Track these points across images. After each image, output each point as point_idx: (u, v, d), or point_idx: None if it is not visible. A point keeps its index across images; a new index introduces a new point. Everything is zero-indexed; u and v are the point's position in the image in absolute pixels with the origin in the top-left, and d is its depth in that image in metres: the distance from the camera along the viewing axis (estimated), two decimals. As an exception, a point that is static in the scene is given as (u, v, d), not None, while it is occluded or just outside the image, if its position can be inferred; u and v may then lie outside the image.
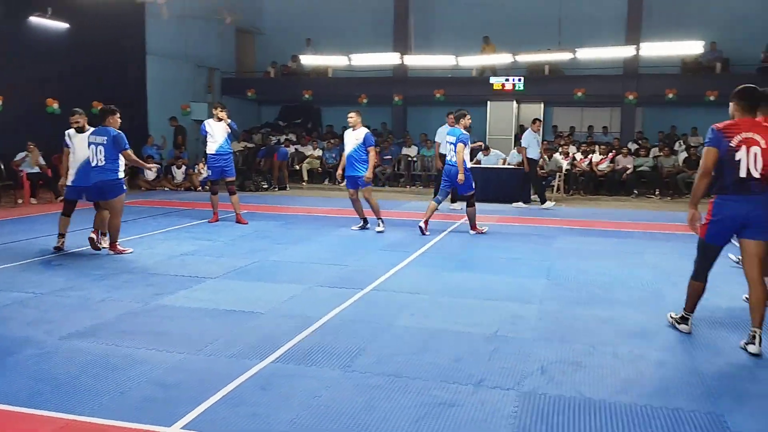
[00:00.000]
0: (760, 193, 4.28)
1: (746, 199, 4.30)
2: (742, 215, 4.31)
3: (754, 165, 4.25)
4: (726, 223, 4.39)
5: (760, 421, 3.34)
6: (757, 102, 4.43)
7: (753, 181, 4.27)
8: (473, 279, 6.43)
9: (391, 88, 20.96)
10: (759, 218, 4.29)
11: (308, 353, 4.26)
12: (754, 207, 4.29)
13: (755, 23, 18.65)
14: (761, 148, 4.24)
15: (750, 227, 4.32)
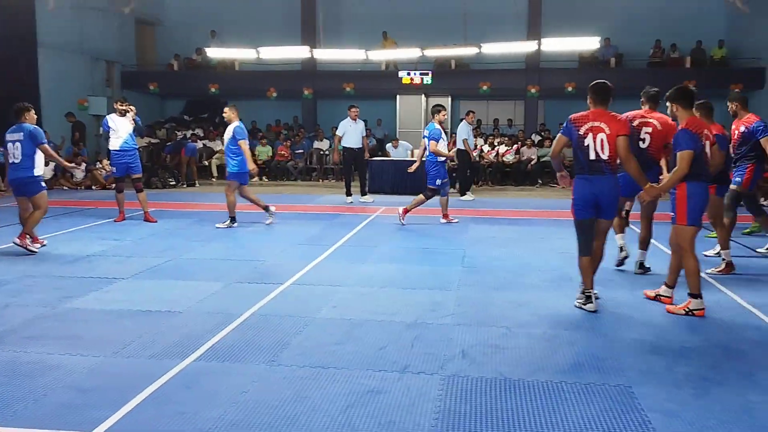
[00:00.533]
0: (609, 174, 4.94)
1: (598, 179, 4.96)
2: (596, 192, 4.96)
3: (602, 149, 4.88)
4: (586, 198, 5.02)
5: (662, 390, 3.60)
6: (607, 97, 5.08)
7: (602, 162, 4.92)
8: (392, 269, 6.54)
9: (300, 81, 20.82)
10: (609, 200, 5.00)
11: (232, 350, 4.21)
12: (604, 185, 4.96)
13: (646, 21, 19.83)
14: (606, 134, 4.87)
15: (601, 206, 5.01)
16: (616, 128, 4.90)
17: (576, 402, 3.45)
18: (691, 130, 4.90)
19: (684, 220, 4.94)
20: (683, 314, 4.92)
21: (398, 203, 11.88)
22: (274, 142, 18.54)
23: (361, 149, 12.09)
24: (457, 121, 21.29)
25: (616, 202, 5.17)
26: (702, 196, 4.97)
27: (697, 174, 4.90)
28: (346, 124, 11.93)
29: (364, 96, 20.68)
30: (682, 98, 5.05)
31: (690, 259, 4.96)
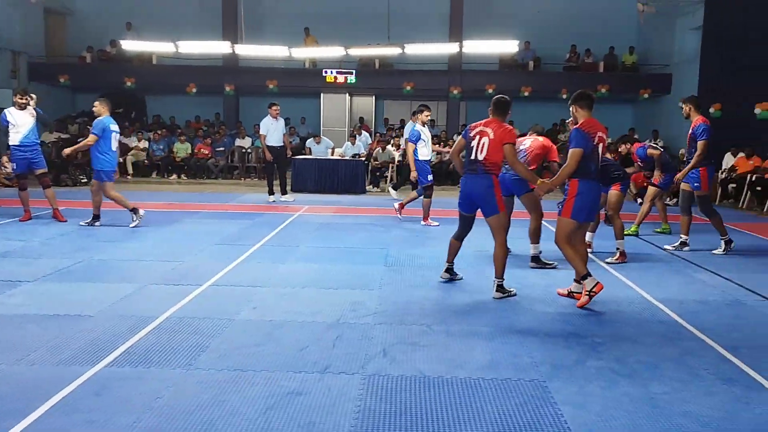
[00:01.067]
0: (483, 174, 5.41)
1: (472, 178, 5.51)
2: (468, 190, 5.54)
3: (480, 151, 5.41)
4: (464, 195, 5.60)
5: (574, 384, 3.74)
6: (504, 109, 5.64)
7: (478, 163, 5.42)
8: (313, 269, 6.49)
9: (222, 77, 20.38)
10: (480, 196, 5.48)
11: (146, 354, 4.07)
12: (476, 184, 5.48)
13: (563, 26, 20.55)
14: (489, 138, 5.38)
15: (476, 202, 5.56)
16: (501, 136, 5.38)
17: (493, 397, 3.53)
18: (583, 130, 5.20)
19: (568, 214, 5.25)
20: (588, 299, 5.20)
21: (321, 202, 11.89)
22: (193, 139, 18.06)
23: (283, 147, 11.95)
24: (380, 121, 21.50)
25: (491, 200, 5.45)
26: (590, 195, 5.27)
27: (588, 173, 5.20)
28: (268, 122, 11.75)
29: (287, 93, 20.48)
30: (581, 100, 5.39)
31: (566, 248, 5.27)
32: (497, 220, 5.50)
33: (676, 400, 3.53)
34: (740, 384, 3.76)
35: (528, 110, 18.70)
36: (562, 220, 5.33)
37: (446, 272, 6.09)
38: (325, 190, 13.66)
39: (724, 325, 4.89)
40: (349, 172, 13.88)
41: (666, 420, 3.30)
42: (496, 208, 5.46)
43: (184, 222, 9.30)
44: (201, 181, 16.14)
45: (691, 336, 4.63)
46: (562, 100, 19.44)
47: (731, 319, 5.04)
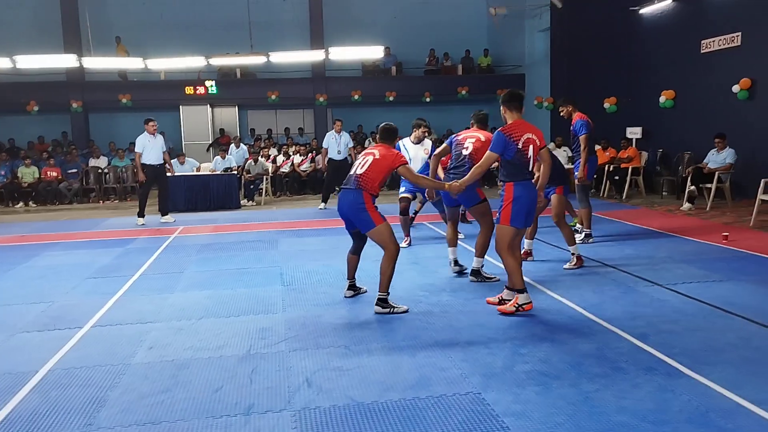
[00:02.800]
0: (353, 189, 5.28)
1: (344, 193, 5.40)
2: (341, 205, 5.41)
3: (361, 166, 5.33)
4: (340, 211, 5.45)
5: (509, 393, 3.68)
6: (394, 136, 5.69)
7: (354, 177, 5.33)
8: (206, 297, 6.02)
9: (67, 93, 18.87)
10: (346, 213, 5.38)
11: (33, 419, 3.49)
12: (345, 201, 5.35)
13: (420, 31, 21.09)
14: (374, 157, 5.34)
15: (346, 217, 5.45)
16: (383, 155, 5.36)
17: (434, 417, 3.38)
18: (504, 134, 5.11)
19: (507, 221, 5.11)
20: (514, 311, 5.12)
21: (196, 221, 11.24)
22: (39, 162, 16.45)
23: (162, 165, 11.12)
24: (245, 132, 20.83)
25: (355, 215, 5.28)
26: (527, 198, 5.13)
27: (519, 175, 5.12)
28: (144, 139, 10.87)
29: (143, 108, 19.32)
30: (510, 101, 5.27)
31: (509, 257, 5.14)
32: (377, 233, 5.26)
33: (609, 397, 3.57)
34: (660, 372, 3.88)
35: (393, 115, 18.90)
36: (501, 228, 5.17)
37: (349, 289, 5.89)
38: (197, 208, 12.93)
39: (626, 313, 5.08)
40: (221, 188, 13.23)
41: (606, 418, 3.32)
42: (371, 223, 5.24)
43: (44, 256, 8.35)
44: (53, 208, 14.71)
45: (602, 329, 4.76)
46: (425, 103, 20.03)
47: (631, 307, 5.26)
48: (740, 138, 10.96)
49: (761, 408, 3.35)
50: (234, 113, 21.16)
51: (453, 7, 21.32)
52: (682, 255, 7.23)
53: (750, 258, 7.00)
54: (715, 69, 11.94)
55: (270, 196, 14.87)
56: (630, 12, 14.19)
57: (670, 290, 5.74)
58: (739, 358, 4.09)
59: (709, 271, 6.39)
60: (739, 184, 11.11)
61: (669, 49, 13.24)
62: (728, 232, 8.14)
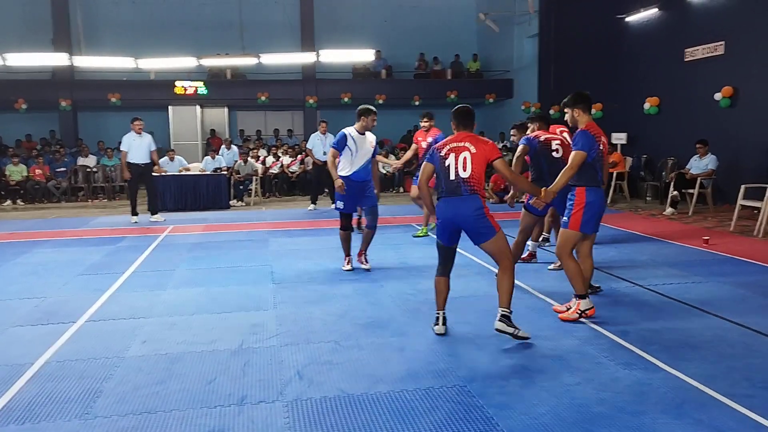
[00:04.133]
0: (468, 195, 4.51)
1: (453, 201, 4.56)
2: (451, 216, 4.56)
3: (462, 167, 4.53)
4: (446, 224, 4.61)
5: (493, 385, 3.81)
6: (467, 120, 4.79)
7: (459, 182, 4.52)
8: (198, 294, 6.11)
9: (55, 91, 18.83)
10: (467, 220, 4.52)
11: (30, 408, 3.58)
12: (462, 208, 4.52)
13: (410, 35, 21.30)
14: (470, 152, 4.54)
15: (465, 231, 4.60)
16: (480, 147, 4.58)
17: (423, 409, 3.50)
18: (590, 132, 4.93)
19: (576, 226, 4.99)
20: (577, 317, 5.00)
21: (186, 220, 11.30)
22: (28, 160, 16.42)
23: (149, 165, 11.19)
24: (234, 133, 20.88)
25: (476, 223, 4.53)
26: (598, 204, 5.00)
27: (594, 180, 4.98)
28: (130, 138, 10.96)
29: (132, 107, 19.32)
30: (582, 102, 5.06)
31: (570, 262, 5.03)
32: (498, 241, 4.59)
33: (589, 389, 3.71)
34: (639, 367, 4.04)
35: (383, 117, 19.01)
36: (567, 233, 5.02)
37: (443, 324, 4.83)
38: (186, 207, 12.99)
39: (608, 312, 5.23)
40: (211, 188, 13.30)
41: (586, 409, 3.46)
42: (493, 230, 4.55)
43: (35, 253, 8.39)
44: (41, 206, 14.70)
45: (583, 326, 4.91)
46: (415, 106, 20.18)
47: (612, 306, 5.41)
48: (722, 145, 11.20)
49: (734, 401, 3.51)
50: (223, 114, 21.23)
51: (443, 11, 21.54)
52: (664, 257, 7.41)
53: (729, 261, 7.20)
54: (698, 77, 12.19)
55: (259, 197, 14.94)
56: (616, 20, 14.44)
57: (650, 291, 5.91)
58: (714, 354, 4.25)
59: (689, 273, 6.57)
60: (721, 190, 11.35)
61: (654, 57, 13.49)
62: (709, 236, 8.34)
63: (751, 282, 6.19)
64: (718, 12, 11.75)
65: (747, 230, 8.99)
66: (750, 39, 11.02)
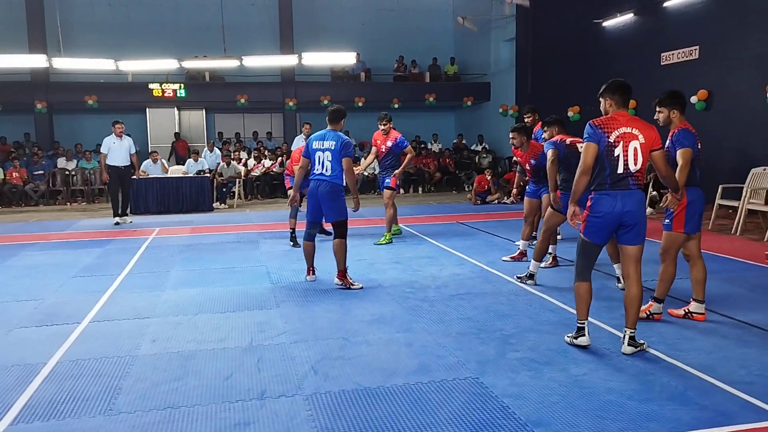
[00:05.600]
0: (635, 190, 4.20)
1: (622, 195, 4.17)
2: (618, 211, 4.18)
3: (633, 160, 4.13)
4: (607, 219, 4.22)
5: (504, 377, 3.95)
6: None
7: (628, 176, 4.15)
8: (198, 294, 6.16)
9: (31, 93, 18.55)
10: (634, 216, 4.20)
11: (53, 406, 3.61)
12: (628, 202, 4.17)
13: (388, 38, 21.45)
14: (639, 142, 4.14)
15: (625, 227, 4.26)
16: (648, 136, 4.15)
17: (439, 400, 3.62)
18: (691, 130, 4.76)
19: (681, 227, 4.87)
20: (644, 318, 4.95)
21: (172, 223, 11.28)
22: (4, 163, 16.17)
23: (128, 167, 11.23)
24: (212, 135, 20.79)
25: (642, 218, 4.28)
26: (700, 203, 4.86)
27: (694, 178, 4.81)
28: (110, 141, 11.03)
29: (109, 109, 19.20)
30: (678, 103, 4.86)
31: (671, 266, 4.99)
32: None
33: (596, 379, 3.88)
34: (640, 358, 4.22)
35: (362, 120, 19.17)
36: (671, 235, 4.90)
37: (578, 331, 4.47)
38: (169, 210, 12.95)
39: (604, 307, 5.42)
40: (194, 190, 13.28)
41: (596, 397, 3.62)
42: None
43: (23, 256, 8.33)
44: (19, 209, 14.49)
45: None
46: (394, 109, 20.33)
47: (607, 302, 5.59)
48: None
49: (734, 387, 3.69)
50: (201, 116, 21.12)
51: (421, 15, 21.75)
52: (647, 254, 7.50)
53: (709, 258, 7.42)
54: (674, 80, 12.53)
55: (242, 199, 14.94)
56: (594, 24, 14.78)
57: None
58: (710, 345, 4.46)
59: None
60: (697, 190, 11.69)
61: (631, 61, 13.83)
62: (689, 234, 8.61)
63: (734, 278, 6.45)
64: (692, 18, 12.12)
65: (724, 229, 9.31)
66: (723, 44, 11.39)
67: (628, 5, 13.72)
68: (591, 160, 4.14)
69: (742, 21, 11.00)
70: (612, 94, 4.26)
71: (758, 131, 10.73)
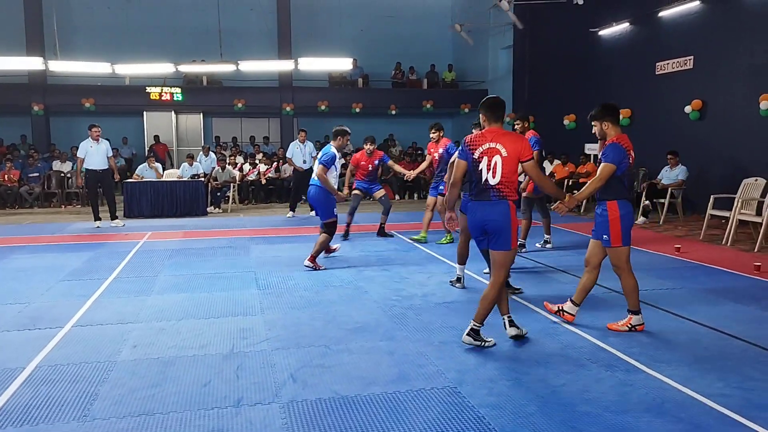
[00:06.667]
0: (499, 201, 4.48)
1: (483, 205, 4.54)
2: (479, 219, 4.57)
3: (492, 173, 4.46)
4: (472, 222, 4.67)
5: (482, 386, 3.94)
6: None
7: (489, 188, 4.49)
8: (184, 299, 6.15)
9: (28, 96, 18.60)
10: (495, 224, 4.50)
11: (27, 411, 3.60)
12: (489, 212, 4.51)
13: (386, 45, 21.51)
14: (501, 156, 4.44)
15: (488, 234, 4.58)
16: (511, 150, 4.45)
17: (415, 409, 3.61)
18: (621, 145, 4.90)
19: (619, 241, 4.92)
20: (626, 330, 5.02)
21: (164, 227, 11.27)
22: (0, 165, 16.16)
23: (107, 170, 11.28)
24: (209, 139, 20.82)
25: (502, 228, 4.52)
26: (630, 216, 4.96)
27: (623, 192, 4.93)
28: (87, 145, 11.09)
29: (106, 112, 19.24)
30: (611, 114, 5.03)
31: (630, 278, 5.03)
32: (505, 256, 4.58)
33: (575, 390, 3.86)
34: (620, 369, 4.21)
35: (360, 126, 19.18)
36: (615, 251, 4.94)
37: (511, 327, 4.88)
38: (163, 214, 12.94)
39: (587, 317, 5.41)
40: (188, 194, 13.26)
41: (573, 408, 3.61)
42: (509, 245, 4.53)
43: (12, 259, 8.32)
44: (13, 211, 14.49)
45: (565, 330, 5.08)
46: (391, 115, 20.39)
47: (591, 311, 5.59)
48: (692, 156, 11.56)
49: (712, 400, 3.68)
50: (198, 120, 21.16)
51: (419, 22, 21.80)
52: (638, 265, 7.55)
53: (700, 268, 7.46)
54: (668, 90, 12.58)
55: (236, 204, 14.94)
56: (590, 33, 14.81)
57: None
58: (690, 357, 4.44)
59: (663, 280, 6.81)
60: (690, 200, 11.71)
61: (626, 70, 13.87)
62: (680, 244, 8.63)
63: (721, 288, 6.44)
64: (687, 28, 12.15)
65: (716, 239, 9.31)
66: (717, 54, 11.42)
67: (624, 15, 13.76)
68: (460, 175, 4.75)
69: (736, 32, 11.04)
70: (485, 110, 4.65)
71: (751, 142, 10.74)
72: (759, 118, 10.47)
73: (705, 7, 11.70)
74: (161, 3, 20.25)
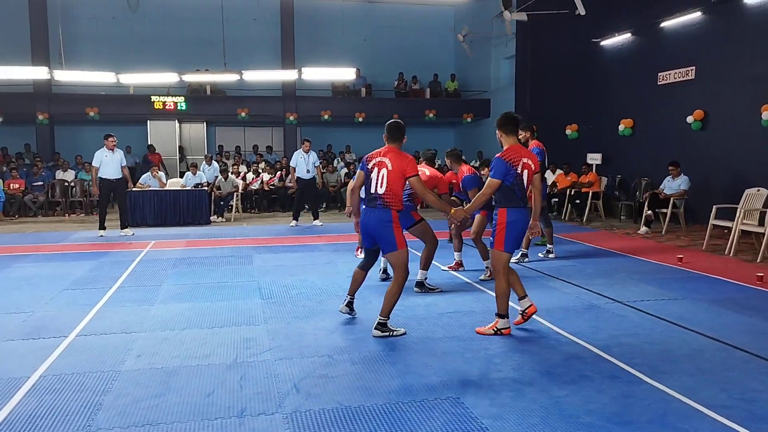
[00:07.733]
0: (380, 208, 5.12)
1: (368, 211, 5.23)
2: (364, 223, 5.26)
3: (379, 184, 5.12)
4: (362, 226, 5.34)
5: (486, 397, 3.95)
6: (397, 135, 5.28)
7: (376, 196, 5.14)
8: (187, 309, 6.17)
9: (33, 105, 18.69)
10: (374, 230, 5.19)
11: (32, 420, 3.62)
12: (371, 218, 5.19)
13: (389, 55, 21.61)
14: (387, 169, 5.10)
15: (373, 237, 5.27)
16: (395, 165, 5.08)
17: (419, 419, 3.62)
18: (504, 159, 5.08)
19: (501, 246, 5.13)
20: (492, 333, 5.21)
21: (167, 236, 11.31)
22: (3, 174, 16.24)
23: (120, 180, 11.35)
24: (212, 148, 20.90)
25: (380, 232, 5.14)
26: (520, 224, 5.14)
27: (513, 200, 5.11)
28: (101, 154, 11.17)
29: (110, 121, 19.33)
30: (506, 125, 5.23)
31: (502, 281, 5.18)
32: (395, 256, 5.15)
33: (577, 401, 3.87)
34: (623, 380, 4.21)
35: (363, 135, 19.28)
36: (495, 253, 5.19)
37: (347, 306, 5.76)
38: (166, 222, 12.99)
39: (590, 327, 5.43)
40: (191, 203, 13.30)
41: (576, 420, 3.61)
42: (394, 245, 5.13)
43: (15, 267, 8.35)
44: (17, 220, 14.54)
45: (568, 341, 5.09)
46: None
47: (594, 322, 5.60)
48: (694, 166, 11.58)
49: (715, 412, 3.69)
50: (202, 129, 21.25)
51: (421, 32, 21.91)
52: (640, 275, 7.66)
53: (703, 278, 7.46)
54: (671, 100, 12.60)
55: (240, 213, 14.98)
56: (592, 43, 14.86)
57: (629, 306, 6.12)
58: (693, 367, 4.45)
59: (665, 290, 6.81)
60: (693, 210, 11.72)
61: (628, 80, 13.90)
62: (683, 254, 8.63)
63: (723, 299, 6.44)
64: (689, 38, 12.20)
65: (718, 249, 9.31)
66: (719, 65, 11.45)
67: (626, 25, 13.81)
68: (359, 183, 5.41)
69: (738, 42, 11.07)
70: (386, 131, 5.27)
71: (753, 152, 10.76)
72: (761, 128, 10.48)
73: (707, 17, 11.75)
74: (166, 13, 20.40)
